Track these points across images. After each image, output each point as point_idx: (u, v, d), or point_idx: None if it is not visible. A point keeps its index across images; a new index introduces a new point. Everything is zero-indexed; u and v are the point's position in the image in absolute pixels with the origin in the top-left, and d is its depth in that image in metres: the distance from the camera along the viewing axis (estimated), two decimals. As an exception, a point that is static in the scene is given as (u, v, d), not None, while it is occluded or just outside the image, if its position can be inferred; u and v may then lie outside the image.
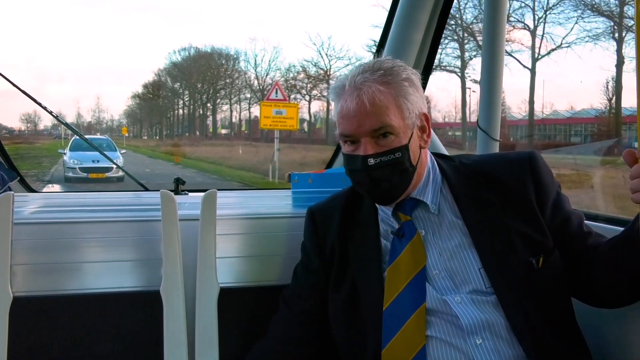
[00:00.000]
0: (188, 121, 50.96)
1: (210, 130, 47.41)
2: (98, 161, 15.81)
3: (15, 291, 1.60)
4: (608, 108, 24.04)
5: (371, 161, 1.32)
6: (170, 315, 1.62)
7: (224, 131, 47.33)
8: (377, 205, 1.47)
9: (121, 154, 17.21)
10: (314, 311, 1.51)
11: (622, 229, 1.31)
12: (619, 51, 23.08)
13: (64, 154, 17.69)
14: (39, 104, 2.09)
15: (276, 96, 14.25)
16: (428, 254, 1.36)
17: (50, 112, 2.11)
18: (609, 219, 1.61)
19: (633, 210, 1.21)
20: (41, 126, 49.79)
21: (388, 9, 2.30)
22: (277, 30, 72.44)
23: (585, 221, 1.42)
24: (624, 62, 22.52)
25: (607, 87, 23.93)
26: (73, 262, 1.68)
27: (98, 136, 30.87)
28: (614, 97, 23.37)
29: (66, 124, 2.57)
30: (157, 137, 48.86)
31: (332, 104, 1.42)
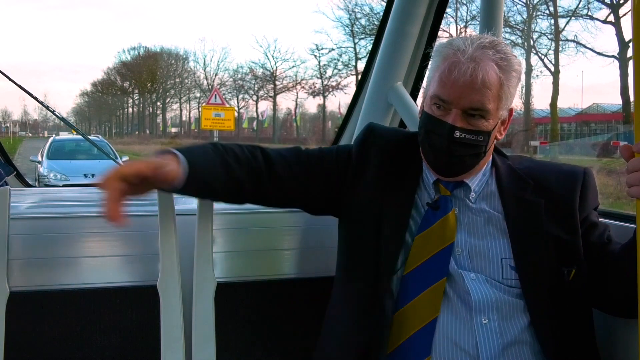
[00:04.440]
0: (138, 119, 51.54)
1: (161, 128, 47.99)
2: (93, 175, 10.64)
3: (12, 286, 1.60)
4: (523, 111, 26.91)
5: (457, 134, 1.31)
6: (167, 310, 1.62)
7: (174, 130, 48.10)
8: (425, 169, 1.46)
9: (124, 162, 8.05)
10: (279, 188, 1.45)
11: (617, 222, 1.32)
12: (527, 60, 26.36)
13: (38, 162, 12.44)
14: (37, 99, 2.08)
15: (215, 100, 15.35)
16: (458, 232, 1.37)
17: (47, 107, 2.10)
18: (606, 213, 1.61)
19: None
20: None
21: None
22: (225, 32, 73.68)
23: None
24: (532, 70, 26.48)
25: (522, 92, 26.99)
26: (70, 256, 1.68)
27: (92, 137, 17.72)
28: (525, 101, 26.67)
29: (66, 121, 2.56)
30: (107, 136, 47.95)
31: (433, 60, 1.38)
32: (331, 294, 1.51)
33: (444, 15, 2.30)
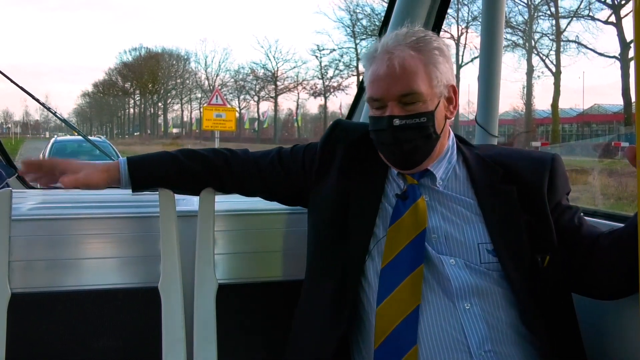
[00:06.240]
0: (139, 120, 51.79)
1: (162, 129, 48.18)
2: None
3: (13, 287, 1.60)
4: (524, 111, 27.48)
5: (396, 121, 1.34)
6: (168, 311, 1.62)
7: (175, 130, 48.36)
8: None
9: None
10: (247, 185, 1.61)
11: (618, 224, 1.32)
12: (529, 61, 26.80)
13: None
14: (38, 101, 2.08)
15: (217, 101, 15.40)
16: (430, 218, 1.37)
17: (49, 109, 2.10)
18: (608, 215, 1.62)
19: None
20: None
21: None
22: (226, 33, 74.17)
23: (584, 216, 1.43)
24: (533, 71, 26.88)
25: (523, 92, 27.82)
26: (71, 258, 1.68)
27: (95, 137, 19.94)
28: (526, 102, 27.40)
29: (67, 122, 2.56)
30: (108, 136, 47.58)
31: (364, 70, 1.44)
32: (301, 291, 1.52)
33: (446, 16, 2.30)
